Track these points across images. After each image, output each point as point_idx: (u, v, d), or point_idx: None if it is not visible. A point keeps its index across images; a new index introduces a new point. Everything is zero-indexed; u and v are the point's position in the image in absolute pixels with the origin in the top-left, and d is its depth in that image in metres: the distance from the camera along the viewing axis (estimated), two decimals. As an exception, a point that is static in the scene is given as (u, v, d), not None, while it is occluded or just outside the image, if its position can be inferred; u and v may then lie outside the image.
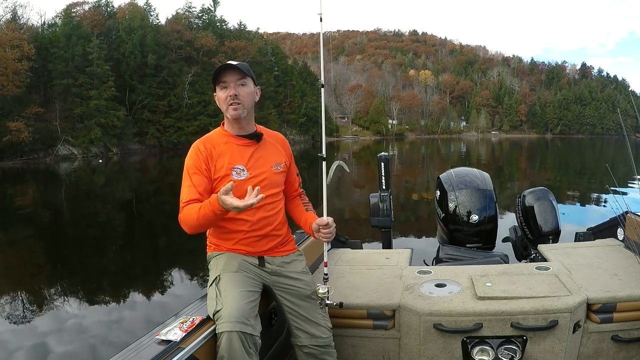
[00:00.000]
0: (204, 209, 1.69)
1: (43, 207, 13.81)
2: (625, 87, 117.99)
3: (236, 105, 1.83)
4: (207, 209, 1.68)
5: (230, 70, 1.82)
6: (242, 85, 1.84)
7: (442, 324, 1.98)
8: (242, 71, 1.83)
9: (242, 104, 1.84)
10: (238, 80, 1.83)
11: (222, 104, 1.85)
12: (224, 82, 1.83)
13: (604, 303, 2.01)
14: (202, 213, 1.70)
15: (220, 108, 1.88)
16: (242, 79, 1.84)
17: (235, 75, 1.83)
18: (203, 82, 52.09)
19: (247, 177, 1.85)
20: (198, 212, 1.71)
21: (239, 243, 1.88)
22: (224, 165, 1.84)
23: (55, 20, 49.48)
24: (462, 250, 3.13)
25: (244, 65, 1.86)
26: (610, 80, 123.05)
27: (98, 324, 4.67)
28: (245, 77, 1.85)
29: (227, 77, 1.83)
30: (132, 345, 1.53)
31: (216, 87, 1.86)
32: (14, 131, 34.08)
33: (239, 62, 1.85)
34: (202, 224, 1.74)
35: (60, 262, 7.59)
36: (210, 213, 1.67)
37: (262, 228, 1.89)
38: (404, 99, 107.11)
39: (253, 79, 1.89)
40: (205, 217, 1.70)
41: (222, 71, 1.83)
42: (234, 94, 1.82)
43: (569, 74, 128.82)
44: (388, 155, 3.86)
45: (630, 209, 2.74)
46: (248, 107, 1.87)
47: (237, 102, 1.83)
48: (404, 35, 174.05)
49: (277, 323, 2.18)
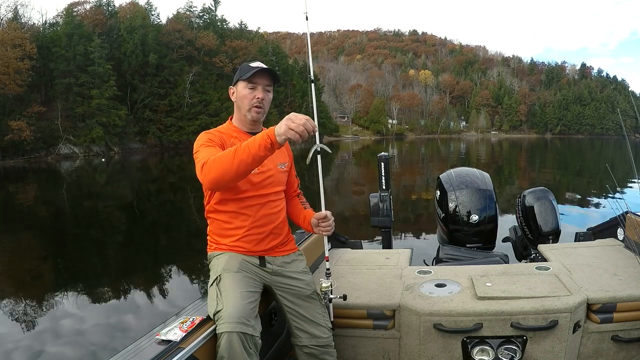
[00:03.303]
0: (248, 142, 1.54)
1: (44, 206, 13.82)
2: (625, 88, 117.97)
3: (259, 109, 1.87)
4: (252, 141, 1.54)
5: (264, 74, 1.86)
6: (268, 91, 1.89)
7: (442, 324, 1.98)
8: (272, 77, 1.89)
9: (264, 108, 1.89)
10: (267, 85, 1.88)
11: (247, 102, 1.86)
12: (255, 82, 1.85)
13: (604, 303, 2.02)
14: (243, 146, 1.54)
15: (238, 103, 1.90)
16: (270, 85, 1.90)
17: (266, 80, 1.87)
18: (204, 82, 52.17)
19: (255, 172, 1.85)
20: (236, 149, 1.55)
21: (240, 240, 1.88)
22: None
23: (56, 19, 49.68)
24: (462, 250, 3.13)
25: (274, 73, 1.90)
26: (610, 81, 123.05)
27: (98, 323, 4.67)
28: (272, 85, 1.90)
29: (259, 80, 1.86)
30: (132, 345, 1.54)
31: (241, 81, 1.87)
32: (16, 130, 34.17)
33: (269, 67, 1.89)
34: (242, 160, 1.54)
35: (61, 260, 7.60)
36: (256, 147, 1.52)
37: (264, 225, 1.89)
38: (404, 99, 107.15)
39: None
40: (247, 149, 1.53)
41: (258, 73, 1.84)
42: (261, 98, 1.86)
43: (568, 74, 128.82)
44: (388, 155, 3.86)
45: (630, 209, 2.74)
46: (266, 112, 1.93)
47: (261, 106, 1.87)
48: (403, 35, 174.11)
49: (277, 323, 2.18)
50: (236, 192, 1.84)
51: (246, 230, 1.87)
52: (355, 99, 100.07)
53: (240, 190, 1.84)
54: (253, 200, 1.86)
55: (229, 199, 1.86)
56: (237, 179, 1.64)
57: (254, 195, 1.87)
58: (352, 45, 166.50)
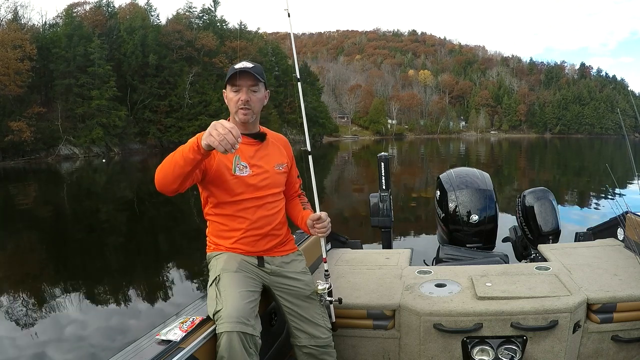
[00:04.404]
0: (185, 144, 1.55)
1: (44, 206, 13.82)
2: (624, 87, 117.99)
3: (246, 111, 1.84)
4: (187, 143, 1.54)
5: (245, 75, 1.82)
6: (254, 91, 1.85)
7: (442, 324, 1.98)
8: (255, 77, 1.83)
9: (251, 109, 1.85)
10: (251, 86, 1.83)
11: (232, 105, 1.85)
12: (237, 85, 1.82)
13: (604, 303, 2.01)
14: (180, 148, 1.56)
15: (229, 107, 1.89)
16: (255, 85, 1.85)
17: (249, 81, 1.83)
18: (204, 82, 52.18)
19: (250, 174, 1.85)
20: (174, 152, 1.57)
21: (238, 242, 1.87)
22: (227, 159, 1.84)
23: (56, 20, 49.71)
24: (462, 250, 3.13)
25: (258, 70, 1.84)
26: (609, 80, 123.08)
27: (98, 323, 4.67)
28: (258, 84, 1.85)
29: (241, 82, 1.82)
30: (132, 345, 1.53)
31: (228, 86, 1.86)
32: (16, 131, 34.18)
33: (254, 65, 1.85)
34: (177, 162, 1.55)
35: (61, 261, 7.59)
36: (187, 149, 1.52)
37: (261, 227, 1.89)
38: (403, 99, 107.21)
39: (265, 83, 1.89)
40: (180, 151, 1.54)
41: (237, 75, 1.82)
42: (245, 100, 1.82)
43: (567, 73, 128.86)
44: (388, 155, 3.86)
45: (630, 209, 2.74)
46: (257, 112, 1.88)
47: (247, 107, 1.83)
48: (403, 35, 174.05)
49: (277, 323, 2.18)
50: (232, 194, 1.83)
51: (243, 232, 1.86)
52: (355, 99, 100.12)
53: (235, 192, 1.83)
54: (249, 202, 1.85)
55: (225, 202, 1.85)
56: (177, 181, 1.60)
57: (250, 197, 1.85)
58: (352, 45, 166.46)
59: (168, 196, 1.72)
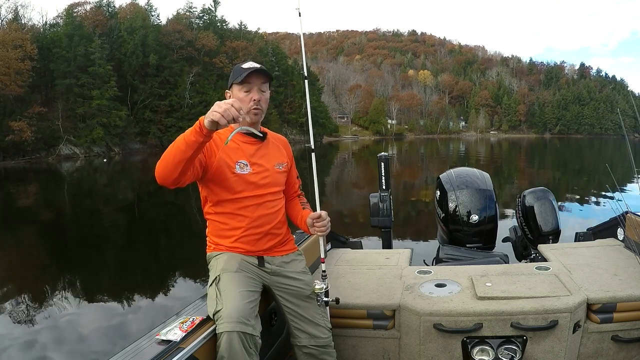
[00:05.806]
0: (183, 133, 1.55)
1: (45, 206, 13.82)
2: (624, 87, 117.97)
3: (257, 111, 1.85)
4: (186, 131, 1.54)
5: (257, 74, 1.82)
6: (263, 91, 1.86)
7: (442, 324, 1.98)
8: (269, 75, 1.85)
9: (261, 109, 1.87)
10: (262, 84, 1.85)
11: (244, 105, 1.82)
12: (249, 84, 1.83)
13: (604, 303, 2.02)
14: (180, 136, 1.55)
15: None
16: (265, 84, 1.86)
17: (260, 79, 1.84)
18: (204, 82, 52.20)
19: (250, 172, 1.85)
20: (175, 140, 1.57)
21: (238, 241, 1.87)
22: (227, 157, 1.84)
23: (57, 20, 49.69)
24: (462, 250, 3.13)
25: (266, 70, 1.86)
26: (609, 81, 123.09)
27: (98, 322, 4.67)
28: (267, 82, 1.87)
29: (253, 80, 1.83)
30: (132, 345, 1.53)
31: (235, 85, 1.84)
32: (17, 131, 34.15)
33: (261, 65, 1.85)
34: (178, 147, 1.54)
35: (62, 261, 7.60)
36: (188, 133, 1.51)
37: (261, 226, 1.89)
38: (403, 99, 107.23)
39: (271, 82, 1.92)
40: (182, 136, 1.53)
41: (250, 74, 1.81)
42: (257, 100, 1.83)
43: (567, 74, 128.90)
44: (388, 155, 3.86)
45: (630, 209, 2.74)
46: (265, 112, 1.91)
47: (259, 108, 1.85)
48: (403, 35, 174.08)
49: (277, 323, 2.18)
50: (232, 192, 1.83)
51: (243, 231, 1.86)
52: (355, 99, 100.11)
53: (235, 190, 1.83)
54: (249, 200, 1.85)
55: (225, 200, 1.85)
56: (177, 168, 1.57)
57: (250, 195, 1.85)
58: (352, 45, 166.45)
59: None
